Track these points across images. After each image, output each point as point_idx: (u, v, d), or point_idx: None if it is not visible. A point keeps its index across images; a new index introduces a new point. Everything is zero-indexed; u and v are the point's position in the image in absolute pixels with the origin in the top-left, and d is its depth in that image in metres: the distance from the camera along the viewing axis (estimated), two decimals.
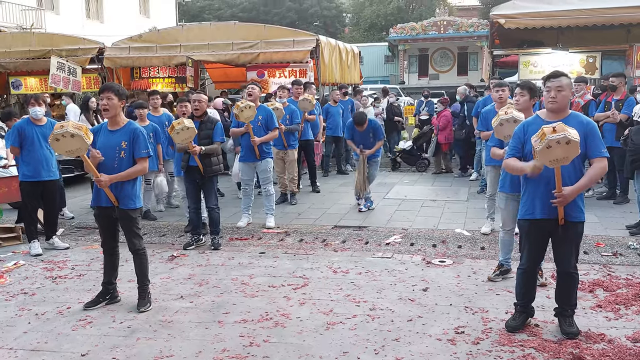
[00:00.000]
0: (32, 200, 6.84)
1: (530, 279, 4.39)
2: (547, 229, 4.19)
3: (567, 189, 3.96)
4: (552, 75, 4.22)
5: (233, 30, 12.68)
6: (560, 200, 3.97)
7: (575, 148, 3.77)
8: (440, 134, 11.41)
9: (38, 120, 6.82)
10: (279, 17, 38.65)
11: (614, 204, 8.31)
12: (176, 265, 6.21)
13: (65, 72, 12.26)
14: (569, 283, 4.23)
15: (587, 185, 4.11)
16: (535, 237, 4.26)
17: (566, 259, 4.19)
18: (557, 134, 3.73)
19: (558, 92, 4.11)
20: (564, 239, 4.16)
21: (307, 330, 4.45)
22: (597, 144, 4.05)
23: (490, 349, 4.06)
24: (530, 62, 12.04)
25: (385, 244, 6.81)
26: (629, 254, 6.18)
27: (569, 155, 3.79)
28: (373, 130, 8.38)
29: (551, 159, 3.80)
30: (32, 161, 6.71)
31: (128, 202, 4.94)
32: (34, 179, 6.73)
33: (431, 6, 40.40)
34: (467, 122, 10.78)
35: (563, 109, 4.17)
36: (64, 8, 23.17)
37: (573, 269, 4.20)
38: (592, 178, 4.09)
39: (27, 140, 6.70)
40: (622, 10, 10.71)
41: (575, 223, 4.14)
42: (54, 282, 5.75)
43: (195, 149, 6.48)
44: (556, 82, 4.12)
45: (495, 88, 6.81)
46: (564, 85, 4.12)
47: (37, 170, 6.73)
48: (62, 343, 4.35)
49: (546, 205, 4.10)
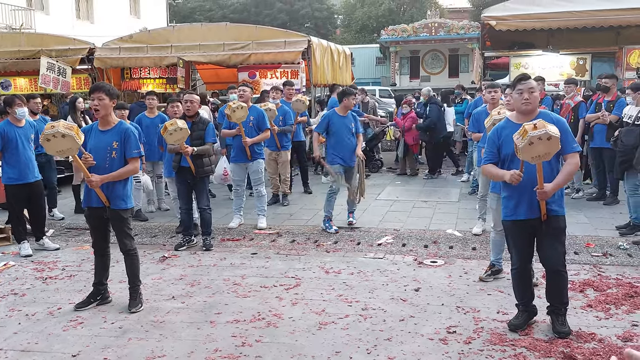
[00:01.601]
0: (18, 202, 6.77)
1: (524, 277, 4.43)
2: (531, 228, 4.27)
3: (547, 186, 4.05)
4: (522, 77, 4.36)
5: (224, 31, 12.65)
6: (541, 196, 4.06)
7: (556, 143, 3.86)
8: (407, 136, 11.48)
9: (18, 122, 6.71)
10: (270, 19, 38.63)
11: (604, 205, 8.37)
12: (168, 265, 6.19)
13: (55, 72, 12.18)
14: (558, 281, 4.26)
15: (566, 181, 4.21)
16: (521, 237, 4.33)
17: (552, 256, 4.22)
18: (538, 130, 3.82)
19: (531, 94, 4.23)
20: (547, 234, 4.22)
21: (300, 330, 4.44)
22: (569, 139, 4.17)
23: (481, 348, 4.08)
24: (521, 63, 12.12)
25: (377, 244, 6.82)
26: (618, 254, 6.22)
27: (550, 151, 3.89)
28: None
29: (533, 155, 3.88)
30: (16, 164, 6.61)
31: (119, 202, 4.92)
32: (20, 181, 6.65)
33: (422, 8, 40.48)
34: (432, 125, 11.05)
35: (535, 109, 4.31)
36: (53, 8, 23.02)
37: (561, 267, 4.23)
38: (569, 173, 4.19)
39: (11, 143, 6.58)
40: (611, 12, 10.81)
41: (556, 217, 4.22)
42: (44, 282, 5.72)
43: (188, 150, 6.46)
44: (527, 84, 4.26)
45: (487, 89, 6.85)
46: (534, 86, 4.29)
47: (24, 172, 6.66)
48: (52, 343, 4.32)
49: (528, 206, 4.20)
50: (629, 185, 6.97)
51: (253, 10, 40.97)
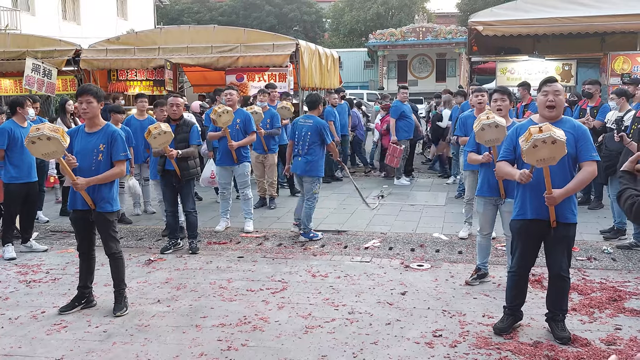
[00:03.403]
0: (15, 202, 6.78)
1: (521, 282, 4.41)
2: (539, 231, 4.23)
3: (556, 192, 4.01)
4: (548, 79, 4.28)
5: (212, 33, 12.60)
6: (549, 201, 4.02)
7: (561, 148, 3.80)
8: (384, 139, 11.72)
9: (22, 122, 6.80)
10: (258, 22, 38.55)
11: (588, 209, 8.44)
12: (153, 269, 6.15)
13: (40, 73, 12.06)
14: (561, 286, 4.26)
15: (577, 188, 4.13)
16: (527, 239, 4.29)
17: (558, 262, 4.22)
18: (543, 133, 3.78)
19: (556, 96, 4.16)
20: (556, 241, 4.20)
21: (286, 334, 4.44)
22: (588, 147, 4.10)
23: (467, 352, 4.09)
24: (507, 69, 12.19)
25: (364, 248, 6.83)
26: (602, 259, 6.28)
27: (555, 155, 3.83)
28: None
29: (538, 158, 3.85)
30: (21, 163, 6.70)
31: (105, 205, 4.89)
32: (23, 180, 6.71)
33: (410, 13, 40.67)
34: None
35: (560, 114, 4.23)
36: (39, 9, 22.83)
37: (565, 272, 4.23)
38: (582, 181, 4.12)
39: (16, 143, 6.64)
40: (597, 19, 10.92)
41: (566, 224, 4.18)
42: (28, 286, 5.66)
43: (172, 153, 6.44)
44: (553, 86, 4.18)
45: (474, 93, 6.88)
46: (560, 89, 4.21)
47: (26, 172, 6.75)
48: (36, 348, 4.27)
49: (537, 206, 4.15)
50: (613, 190, 7.04)
51: (241, 13, 40.89)
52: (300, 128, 7.17)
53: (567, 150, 3.88)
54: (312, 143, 7.07)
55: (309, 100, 7.35)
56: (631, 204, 2.77)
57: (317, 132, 7.07)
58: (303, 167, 7.10)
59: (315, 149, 7.09)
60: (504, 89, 5.55)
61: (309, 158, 7.07)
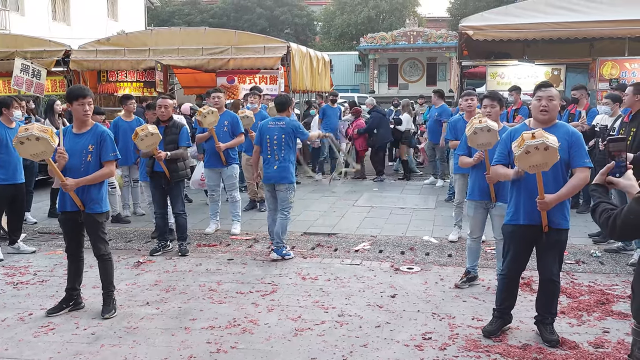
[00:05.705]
0: (1, 203, 6.72)
1: (511, 285, 4.42)
2: (532, 236, 4.24)
3: (548, 197, 4.02)
4: (543, 84, 4.27)
5: (203, 35, 12.59)
6: (541, 206, 4.04)
7: (553, 154, 3.80)
8: (357, 142, 12.15)
9: (10, 123, 6.75)
10: (249, 24, 38.48)
11: (577, 213, 8.47)
12: (142, 271, 6.12)
13: (29, 74, 11.99)
14: (552, 290, 4.28)
15: (569, 194, 4.13)
16: (519, 243, 4.30)
17: (549, 266, 4.23)
18: (536, 139, 3.79)
19: (550, 102, 4.15)
20: (548, 246, 4.21)
21: (275, 337, 4.42)
22: (581, 154, 4.09)
23: (456, 355, 4.10)
24: (497, 73, 12.25)
25: (354, 250, 6.83)
26: (591, 262, 6.32)
27: (548, 162, 3.84)
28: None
29: (530, 164, 3.86)
30: (7, 165, 6.63)
31: (94, 206, 4.86)
32: (9, 181, 6.65)
33: (401, 17, 40.77)
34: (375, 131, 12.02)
35: (554, 118, 4.23)
36: (29, 9, 22.66)
37: (555, 277, 4.25)
38: (574, 187, 4.11)
39: (2, 144, 6.59)
40: (586, 25, 11.00)
41: (558, 230, 4.19)
42: (15, 287, 5.61)
43: (161, 155, 6.41)
44: (547, 91, 4.17)
45: (464, 97, 6.92)
46: (554, 95, 4.19)
47: (13, 173, 6.68)
48: (23, 350, 4.23)
49: (530, 212, 4.16)
50: None
51: (233, 15, 40.81)
52: (271, 132, 6.52)
53: (560, 156, 3.89)
54: (286, 146, 6.54)
55: (279, 101, 6.75)
56: (607, 218, 2.73)
57: (292, 133, 6.55)
58: (278, 174, 6.49)
59: (289, 153, 6.55)
60: (494, 94, 5.56)
61: (284, 164, 6.48)
